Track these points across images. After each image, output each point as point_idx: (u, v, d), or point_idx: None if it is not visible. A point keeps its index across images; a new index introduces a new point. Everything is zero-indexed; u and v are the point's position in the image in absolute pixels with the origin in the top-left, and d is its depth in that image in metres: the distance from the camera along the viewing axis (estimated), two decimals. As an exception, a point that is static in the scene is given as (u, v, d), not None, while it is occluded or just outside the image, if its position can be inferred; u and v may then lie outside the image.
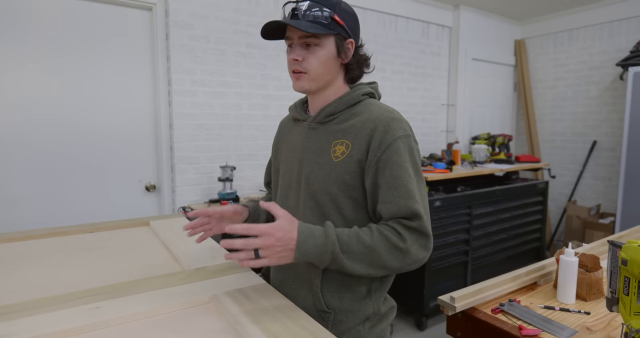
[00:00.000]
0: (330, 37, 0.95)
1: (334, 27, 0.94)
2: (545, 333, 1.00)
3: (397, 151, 0.91)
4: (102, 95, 2.35)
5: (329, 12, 0.93)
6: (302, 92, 1.01)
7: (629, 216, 3.27)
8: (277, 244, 0.82)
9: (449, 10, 3.85)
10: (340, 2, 0.97)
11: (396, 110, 0.99)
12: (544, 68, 4.27)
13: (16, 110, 2.12)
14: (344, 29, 0.96)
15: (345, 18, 0.96)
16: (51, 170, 2.24)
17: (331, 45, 0.96)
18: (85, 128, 2.31)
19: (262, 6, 2.75)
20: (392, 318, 1.08)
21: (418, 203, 0.90)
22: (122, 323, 0.82)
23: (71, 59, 2.24)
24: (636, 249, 0.87)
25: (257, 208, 1.17)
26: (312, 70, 0.96)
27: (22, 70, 2.12)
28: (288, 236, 0.83)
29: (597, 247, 1.57)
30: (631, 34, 3.61)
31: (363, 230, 0.90)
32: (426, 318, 2.74)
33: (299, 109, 1.10)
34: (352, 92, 1.01)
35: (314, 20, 0.92)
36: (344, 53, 0.98)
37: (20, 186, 2.17)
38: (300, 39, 0.95)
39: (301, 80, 0.97)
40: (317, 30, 0.91)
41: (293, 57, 0.95)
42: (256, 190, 2.85)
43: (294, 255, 0.84)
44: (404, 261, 0.89)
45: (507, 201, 3.13)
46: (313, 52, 0.95)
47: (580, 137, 4.02)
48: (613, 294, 0.95)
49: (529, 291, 1.27)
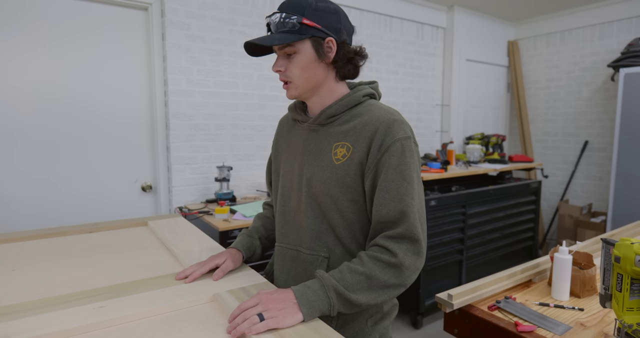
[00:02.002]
0: (305, 41, 0.94)
1: (305, 31, 0.93)
2: (541, 329, 1.02)
3: (396, 153, 0.91)
4: (98, 95, 2.34)
5: (297, 17, 0.92)
6: (294, 99, 1.04)
7: (619, 215, 3.32)
8: (275, 299, 0.82)
9: (443, 11, 3.88)
10: (311, 3, 0.93)
11: (397, 111, 0.99)
12: (537, 69, 4.32)
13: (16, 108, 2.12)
14: (318, 29, 0.93)
15: (317, 18, 0.93)
16: (47, 171, 2.23)
17: (308, 49, 0.95)
18: (81, 130, 2.31)
19: (258, 6, 2.76)
20: (394, 315, 1.10)
21: (408, 206, 0.90)
22: (127, 322, 0.83)
23: (65, 58, 2.24)
24: (629, 247, 0.89)
25: (251, 245, 1.16)
26: (294, 77, 0.97)
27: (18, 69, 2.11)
28: (284, 295, 0.84)
29: (590, 245, 1.60)
30: (622, 35, 3.66)
31: (353, 261, 0.91)
32: (422, 316, 2.76)
33: (298, 109, 1.10)
34: (352, 93, 1.01)
35: (284, 30, 0.93)
36: (324, 53, 0.96)
37: (16, 186, 2.16)
38: (280, 51, 0.97)
39: (289, 90, 0.99)
40: (284, 40, 0.91)
41: (275, 69, 0.98)
42: (253, 190, 2.85)
43: (298, 307, 0.82)
44: (402, 275, 0.89)
45: (501, 200, 3.17)
46: (293, 61, 0.96)
47: (572, 138, 4.08)
48: (606, 291, 0.97)
49: (524, 288, 1.29)
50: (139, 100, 2.48)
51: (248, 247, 1.15)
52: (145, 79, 2.49)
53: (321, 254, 0.99)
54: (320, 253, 0.99)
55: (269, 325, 0.77)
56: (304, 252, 1.02)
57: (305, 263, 1.02)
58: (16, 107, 2.13)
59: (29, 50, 2.13)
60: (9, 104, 2.11)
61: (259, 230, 1.22)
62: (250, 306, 0.81)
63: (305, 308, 0.82)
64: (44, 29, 2.16)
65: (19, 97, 2.13)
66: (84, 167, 2.34)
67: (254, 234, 1.20)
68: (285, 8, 0.94)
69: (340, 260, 0.98)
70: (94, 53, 2.31)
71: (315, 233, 1.00)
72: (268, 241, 1.23)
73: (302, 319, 0.81)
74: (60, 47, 2.21)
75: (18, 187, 2.17)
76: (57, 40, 2.20)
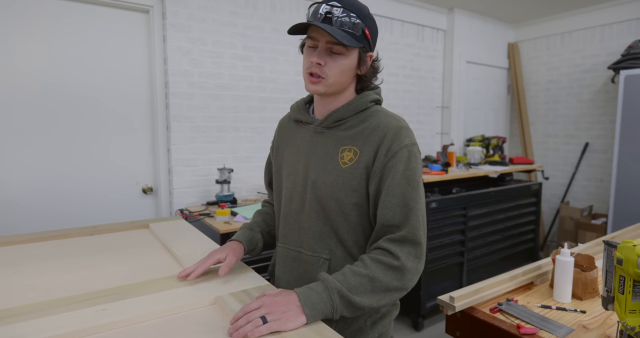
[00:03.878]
0: (356, 49, 0.95)
1: (362, 39, 0.94)
2: (543, 332, 1.02)
3: (403, 159, 0.93)
4: (100, 96, 2.35)
5: (362, 24, 0.92)
6: (315, 94, 1.02)
7: (620, 217, 3.31)
8: (279, 301, 0.82)
9: (444, 13, 3.89)
10: (370, 13, 0.96)
11: (402, 118, 1.01)
12: (537, 71, 4.32)
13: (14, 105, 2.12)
14: (369, 42, 0.96)
15: (372, 31, 0.97)
16: (47, 172, 2.23)
17: (354, 56, 0.96)
18: (82, 132, 2.31)
19: (259, 9, 2.76)
20: (395, 315, 1.10)
21: (412, 211, 0.91)
22: (130, 325, 0.83)
23: (66, 57, 2.24)
24: (631, 249, 0.89)
25: (253, 238, 1.15)
26: (331, 77, 0.95)
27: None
28: (288, 297, 0.83)
29: (592, 247, 1.60)
30: (622, 37, 3.67)
31: (355, 264, 0.91)
32: (423, 318, 2.76)
33: (302, 110, 1.10)
34: (359, 98, 1.02)
35: (346, 30, 0.91)
36: (363, 65, 0.99)
37: (16, 188, 2.16)
38: (326, 44, 0.93)
39: (317, 85, 0.96)
40: (349, 42, 0.90)
41: (316, 61, 0.93)
42: (254, 192, 2.85)
43: (302, 310, 0.81)
44: (404, 278, 0.90)
45: (502, 202, 3.17)
46: (336, 60, 0.94)
47: (573, 139, 4.08)
48: (609, 293, 0.97)
49: (526, 291, 1.29)
50: (140, 102, 2.48)
51: (249, 240, 1.14)
52: (146, 81, 2.49)
53: (322, 256, 1.00)
54: (321, 255, 1.00)
55: (271, 328, 0.77)
56: (306, 253, 1.03)
57: (306, 265, 1.02)
58: (20, 102, 2.13)
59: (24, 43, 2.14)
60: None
61: (260, 224, 1.22)
62: (254, 308, 0.81)
63: (309, 311, 0.82)
64: (43, 35, 2.17)
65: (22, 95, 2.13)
66: (85, 169, 2.34)
67: (255, 228, 1.19)
68: (351, 8, 0.92)
69: (342, 263, 0.99)
70: (94, 55, 2.31)
71: (318, 235, 1.00)
72: (269, 236, 1.22)
73: (305, 322, 0.81)
74: (58, 49, 2.22)
75: (16, 189, 2.17)
76: (55, 41, 2.20)
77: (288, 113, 1.19)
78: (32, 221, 2.21)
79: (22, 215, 2.19)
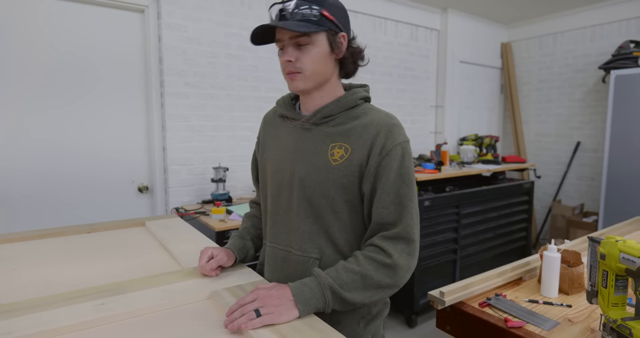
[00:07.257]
0: (322, 33, 0.93)
1: (324, 22, 0.92)
2: (530, 325, 1.05)
3: (397, 157, 0.93)
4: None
5: (317, 8, 0.91)
6: (299, 93, 1.00)
7: (610, 215, 3.36)
8: (272, 295, 0.84)
9: (437, 13, 3.92)
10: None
11: (394, 115, 1.00)
12: (530, 70, 4.37)
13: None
14: (334, 23, 0.94)
15: (334, 12, 0.94)
16: (43, 172, 2.24)
17: (323, 42, 0.94)
18: (79, 133, 2.32)
19: (254, 9, 2.78)
20: (386, 314, 1.11)
21: (406, 208, 0.92)
22: (128, 319, 0.85)
23: (61, 65, 2.25)
24: (613, 244, 0.92)
25: (244, 246, 1.16)
26: (306, 69, 0.94)
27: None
28: (281, 291, 0.85)
29: (579, 243, 1.64)
30: (612, 38, 3.72)
31: (348, 260, 0.92)
32: (416, 315, 2.79)
33: (288, 105, 1.08)
34: (349, 95, 1.01)
35: (302, 19, 0.90)
36: (337, 48, 0.96)
37: (12, 188, 2.17)
38: (291, 40, 0.93)
39: (296, 81, 0.95)
40: (307, 28, 0.89)
41: (286, 59, 0.94)
42: (249, 191, 2.87)
43: (295, 304, 0.83)
44: (396, 275, 0.91)
45: (494, 201, 3.20)
46: (305, 51, 0.93)
47: (565, 138, 4.13)
48: (593, 287, 1.00)
49: (514, 286, 1.32)
50: (135, 102, 2.49)
51: (240, 249, 1.14)
52: (141, 81, 2.50)
53: (312, 256, 0.99)
54: (311, 254, 0.99)
55: (265, 321, 0.79)
56: (295, 253, 1.01)
57: (296, 264, 1.01)
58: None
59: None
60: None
61: (250, 230, 1.22)
62: (248, 301, 0.83)
63: (301, 305, 0.84)
64: (35, 41, 2.17)
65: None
66: (81, 168, 2.35)
67: (245, 236, 1.19)
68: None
69: (332, 262, 0.98)
70: (89, 58, 2.32)
71: (307, 234, 0.99)
72: (259, 240, 1.23)
73: (297, 316, 0.83)
74: (53, 57, 2.22)
75: (12, 188, 2.17)
76: (49, 43, 2.21)
77: (273, 108, 1.17)
78: (26, 220, 2.22)
79: (16, 215, 2.19)
